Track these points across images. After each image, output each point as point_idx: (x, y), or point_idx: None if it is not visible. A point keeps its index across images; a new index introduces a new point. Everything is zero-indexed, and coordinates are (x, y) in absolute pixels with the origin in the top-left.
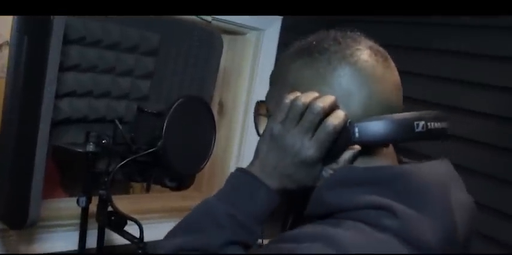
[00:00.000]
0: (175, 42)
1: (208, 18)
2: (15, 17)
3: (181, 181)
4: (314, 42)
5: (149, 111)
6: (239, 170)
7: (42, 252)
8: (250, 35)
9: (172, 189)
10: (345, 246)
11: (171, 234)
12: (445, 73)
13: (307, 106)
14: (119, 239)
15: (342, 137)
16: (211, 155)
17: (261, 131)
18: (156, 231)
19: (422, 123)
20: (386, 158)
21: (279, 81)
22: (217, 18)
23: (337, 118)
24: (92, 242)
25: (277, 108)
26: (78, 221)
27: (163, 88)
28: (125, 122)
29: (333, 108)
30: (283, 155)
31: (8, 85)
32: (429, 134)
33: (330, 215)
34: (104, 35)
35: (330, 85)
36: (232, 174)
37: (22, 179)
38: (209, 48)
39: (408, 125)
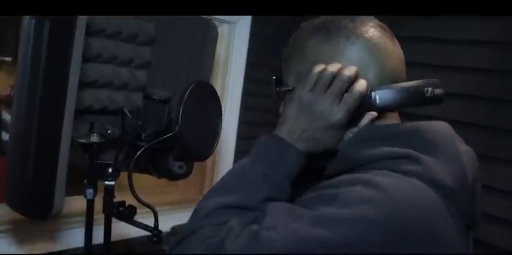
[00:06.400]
0: (171, 32)
1: None
2: None
3: (188, 168)
4: (329, 21)
5: (157, 97)
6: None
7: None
8: (222, 28)
9: (176, 178)
10: (383, 186)
11: (208, 196)
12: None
13: (335, 75)
14: (126, 234)
15: (364, 103)
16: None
17: (279, 105)
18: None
19: (430, 89)
20: (396, 121)
21: (295, 57)
22: None
23: (362, 85)
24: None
25: (301, 80)
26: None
27: (160, 78)
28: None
29: (356, 76)
30: (313, 120)
31: (23, 77)
32: (435, 99)
33: (353, 169)
34: (107, 25)
35: (348, 58)
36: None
37: (46, 170)
38: (204, 37)
39: (420, 91)
